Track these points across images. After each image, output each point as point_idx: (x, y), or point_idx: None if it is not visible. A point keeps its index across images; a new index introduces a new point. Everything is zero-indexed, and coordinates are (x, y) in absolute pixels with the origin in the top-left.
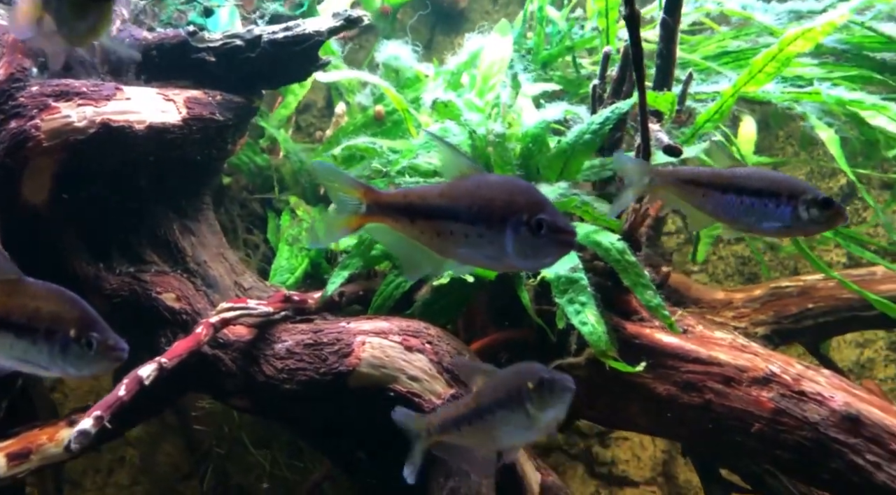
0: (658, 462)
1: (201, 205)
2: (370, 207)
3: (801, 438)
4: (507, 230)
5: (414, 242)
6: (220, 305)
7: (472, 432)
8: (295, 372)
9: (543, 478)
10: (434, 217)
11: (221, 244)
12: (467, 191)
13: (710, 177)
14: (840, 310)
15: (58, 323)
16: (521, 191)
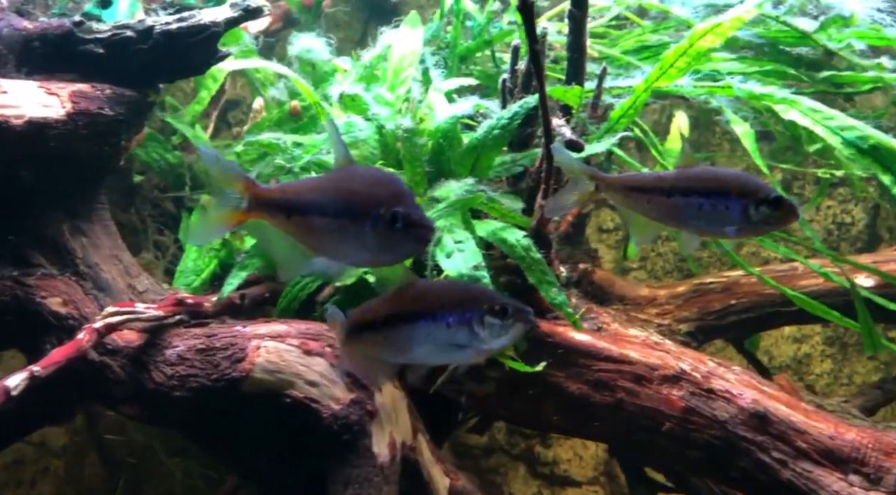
0: (600, 461)
1: (95, 205)
2: (251, 202)
3: (711, 437)
4: (366, 224)
5: (289, 240)
6: (106, 309)
7: (394, 339)
8: (186, 379)
9: (453, 483)
10: (306, 212)
11: (116, 245)
12: (334, 185)
13: (655, 181)
14: (763, 305)
15: None
16: (381, 184)
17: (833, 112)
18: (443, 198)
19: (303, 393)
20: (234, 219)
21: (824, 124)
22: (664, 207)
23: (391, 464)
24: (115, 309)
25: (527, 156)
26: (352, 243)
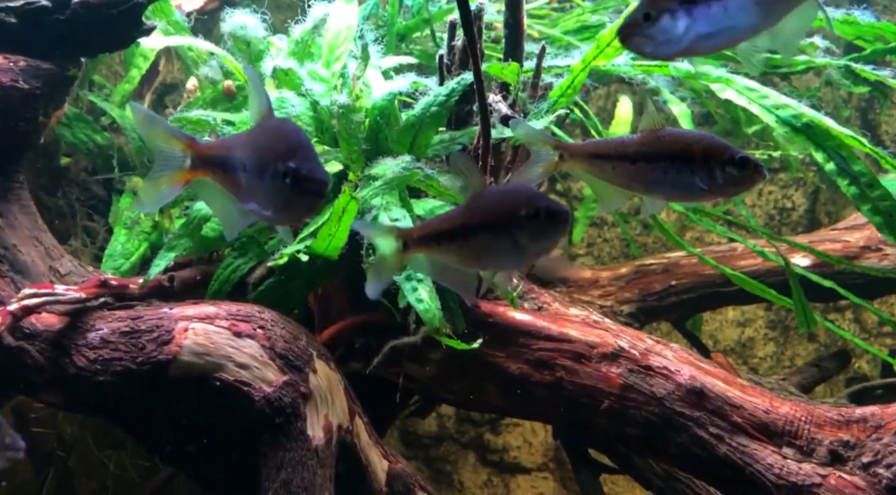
0: (549, 447)
1: (12, 184)
2: (194, 160)
3: (649, 413)
4: (266, 179)
5: (229, 198)
6: (23, 291)
7: (452, 250)
8: (109, 363)
9: (391, 466)
10: (233, 169)
11: (36, 226)
12: (251, 140)
13: (618, 147)
14: (703, 286)
15: None
16: (282, 138)
17: (768, 91)
18: (379, 175)
19: (233, 376)
20: (180, 179)
21: (759, 103)
22: (629, 174)
23: (326, 447)
24: (33, 290)
25: (465, 133)
26: (262, 199)
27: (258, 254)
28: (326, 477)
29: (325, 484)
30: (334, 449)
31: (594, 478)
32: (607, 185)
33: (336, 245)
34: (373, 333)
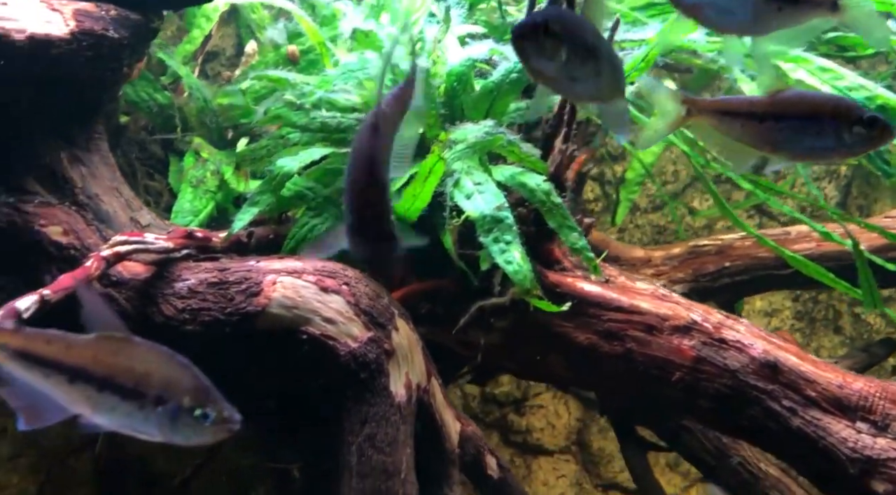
0: (572, 430)
1: (93, 135)
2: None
3: (722, 386)
4: None
5: None
6: (114, 238)
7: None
8: (198, 313)
9: (463, 428)
10: None
11: (116, 178)
12: None
13: (748, 105)
14: (755, 268)
15: (170, 390)
16: None
17: (844, 71)
18: (460, 140)
19: (320, 330)
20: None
21: (832, 84)
22: (757, 132)
23: (408, 405)
24: (124, 237)
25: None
26: None
27: (335, 215)
28: (408, 433)
29: (407, 440)
30: (414, 407)
31: (641, 455)
32: (734, 144)
33: (418, 206)
34: (438, 299)
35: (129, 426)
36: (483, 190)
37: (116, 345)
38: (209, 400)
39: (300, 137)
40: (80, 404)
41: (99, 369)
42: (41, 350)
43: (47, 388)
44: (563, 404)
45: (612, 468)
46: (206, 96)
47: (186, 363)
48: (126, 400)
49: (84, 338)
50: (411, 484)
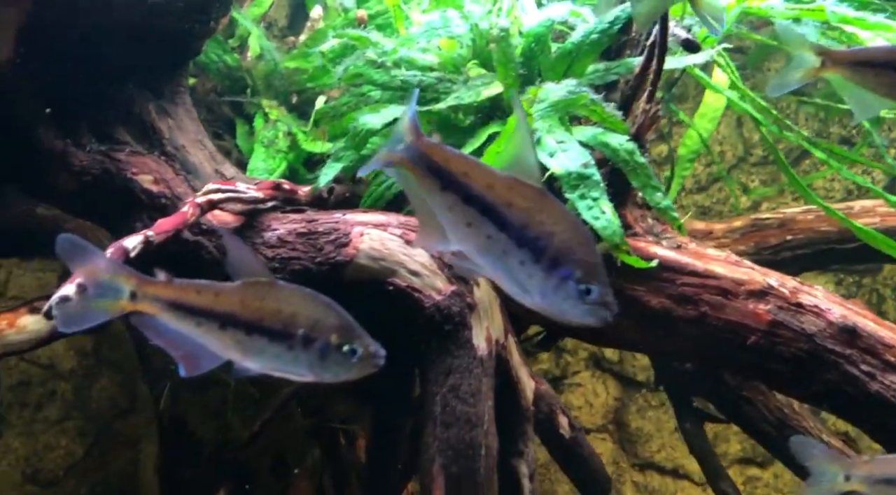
0: (610, 409)
1: (179, 88)
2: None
3: (798, 350)
4: None
5: None
6: (207, 186)
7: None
8: (288, 262)
9: (537, 386)
10: None
11: (200, 131)
12: None
13: (885, 55)
14: (818, 242)
15: (317, 329)
16: None
17: None
18: (542, 99)
19: (405, 282)
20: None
21: None
22: (893, 82)
23: (489, 358)
24: (217, 186)
25: (622, 64)
26: None
27: None
28: (490, 387)
29: (489, 394)
30: (494, 362)
31: (699, 426)
32: (865, 94)
33: (500, 165)
34: None
35: (280, 367)
36: (566, 148)
37: (262, 290)
38: (355, 336)
39: (380, 95)
40: (232, 349)
41: (247, 314)
42: (192, 299)
43: (200, 336)
44: (601, 383)
45: (649, 447)
46: (276, 58)
47: (330, 302)
48: (274, 342)
49: (231, 286)
50: (493, 436)
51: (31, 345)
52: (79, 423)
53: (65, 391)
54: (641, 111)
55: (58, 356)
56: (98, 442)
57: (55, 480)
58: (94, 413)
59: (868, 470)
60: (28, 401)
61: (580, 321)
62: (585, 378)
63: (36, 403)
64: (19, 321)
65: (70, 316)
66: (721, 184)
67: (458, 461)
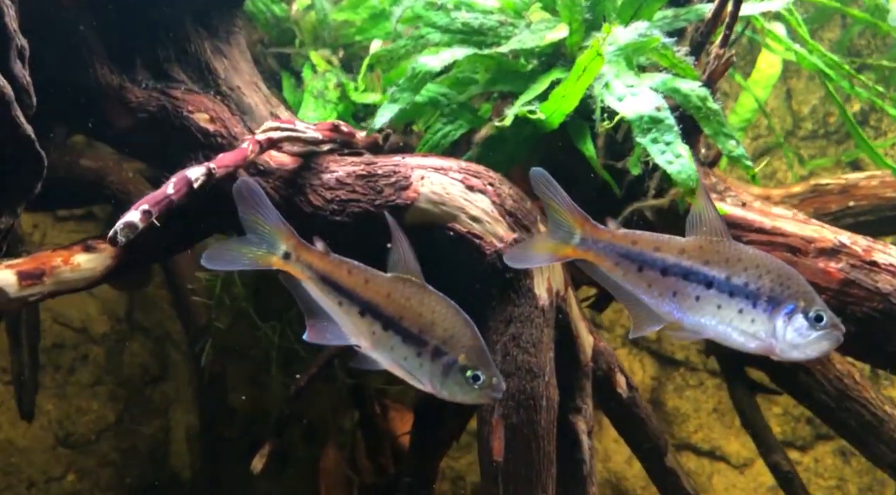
0: (646, 388)
1: (233, 27)
2: (585, 241)
3: (871, 310)
4: None
5: None
6: (266, 124)
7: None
8: (346, 204)
9: (596, 343)
10: None
11: (254, 73)
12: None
13: None
14: (882, 209)
15: (449, 344)
16: None
17: None
18: (609, 43)
19: (466, 228)
20: (565, 254)
21: None
22: None
23: (550, 308)
24: (276, 124)
25: (691, 11)
26: None
27: (469, 121)
28: (550, 337)
29: (550, 344)
30: (555, 313)
31: (750, 396)
32: None
33: (565, 109)
34: None
35: (402, 368)
36: (636, 92)
37: (410, 290)
38: (482, 363)
39: (440, 38)
40: (363, 337)
41: (390, 309)
42: (342, 279)
43: (337, 315)
44: (638, 361)
45: (686, 428)
46: (325, 9)
47: (468, 321)
48: (406, 344)
49: (382, 276)
50: (553, 388)
51: (85, 283)
52: (110, 388)
53: (97, 355)
54: (714, 56)
55: (91, 320)
56: (129, 408)
57: (87, 444)
58: (125, 378)
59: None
60: (61, 364)
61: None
62: (622, 355)
63: (69, 366)
64: (74, 258)
65: (219, 254)
66: (769, 158)
67: (519, 411)
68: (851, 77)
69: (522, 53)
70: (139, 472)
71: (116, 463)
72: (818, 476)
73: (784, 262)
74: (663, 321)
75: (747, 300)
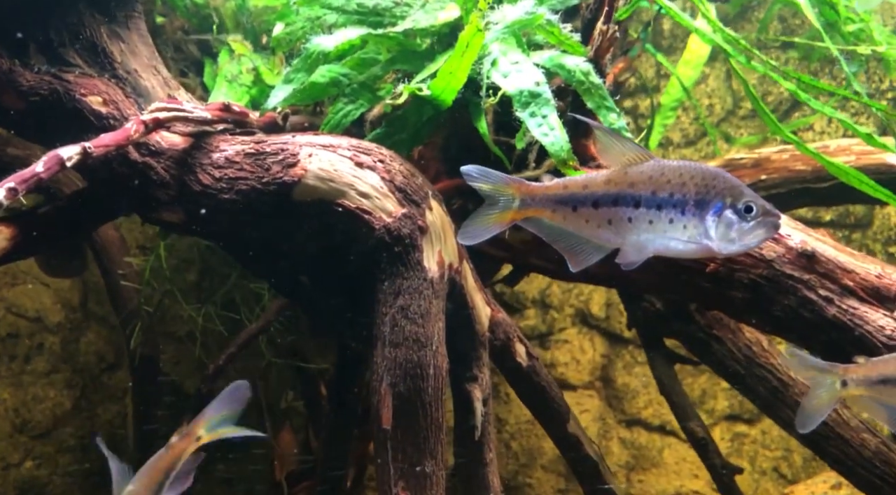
0: (597, 366)
1: (132, 12)
2: (525, 201)
3: (756, 276)
4: None
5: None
6: (154, 104)
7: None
8: (235, 182)
9: (494, 313)
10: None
11: (154, 57)
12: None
13: None
14: (793, 181)
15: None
16: None
17: None
18: (496, 21)
19: (355, 204)
20: (508, 218)
21: None
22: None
23: (440, 281)
24: (163, 104)
25: None
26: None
27: (370, 100)
28: (440, 308)
29: (439, 315)
30: (446, 285)
31: (669, 368)
32: None
33: (454, 86)
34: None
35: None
36: (521, 69)
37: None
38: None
39: (336, 19)
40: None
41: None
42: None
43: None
44: (588, 340)
45: (635, 404)
46: None
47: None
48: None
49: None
50: (442, 357)
51: None
52: (67, 376)
53: (53, 344)
54: (599, 32)
55: (45, 309)
56: (86, 395)
57: (45, 431)
58: (81, 366)
59: (864, 373)
60: (17, 354)
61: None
62: (572, 334)
63: (24, 355)
64: None
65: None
66: (710, 139)
67: (406, 380)
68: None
69: (419, 33)
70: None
71: (75, 450)
72: (765, 447)
73: (709, 166)
74: (604, 250)
75: (675, 209)
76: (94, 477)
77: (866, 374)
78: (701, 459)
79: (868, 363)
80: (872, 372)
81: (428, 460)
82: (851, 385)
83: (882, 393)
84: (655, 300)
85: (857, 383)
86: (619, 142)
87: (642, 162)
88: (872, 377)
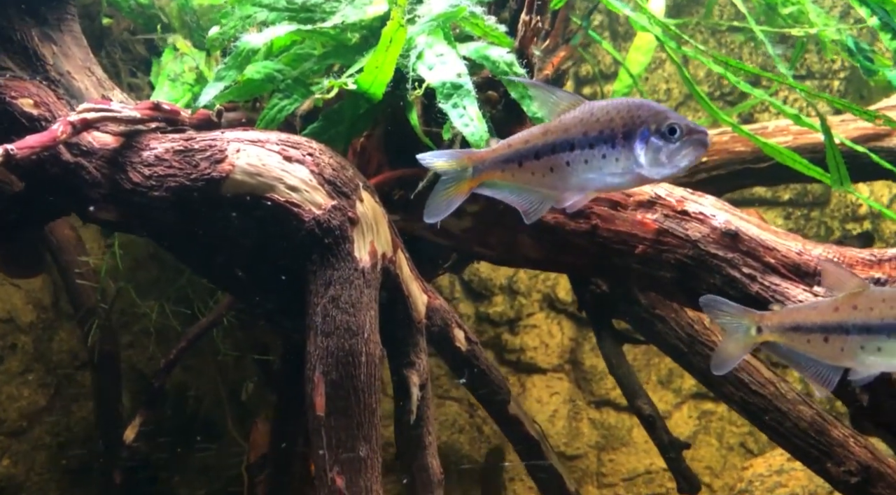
0: (565, 349)
1: (64, 15)
2: (477, 169)
3: (683, 256)
4: None
5: None
6: (82, 105)
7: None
8: (164, 179)
9: (430, 300)
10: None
11: (88, 58)
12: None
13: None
14: (732, 163)
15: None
16: None
17: None
18: (422, 14)
19: (284, 197)
20: (466, 188)
21: None
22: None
23: (372, 271)
24: (91, 105)
25: None
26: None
27: (303, 95)
28: (372, 298)
29: (371, 304)
30: (379, 275)
31: (617, 347)
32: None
33: (382, 80)
34: (409, 185)
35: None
36: (445, 61)
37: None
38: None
39: (267, 16)
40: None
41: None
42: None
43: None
44: (556, 324)
45: (604, 385)
46: None
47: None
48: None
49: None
50: (374, 344)
51: None
52: (40, 375)
53: (25, 343)
54: (522, 23)
55: (17, 310)
56: (60, 393)
57: (20, 430)
58: (54, 365)
59: (779, 320)
60: None
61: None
62: (540, 319)
63: None
64: None
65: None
66: None
67: (339, 368)
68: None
69: (349, 28)
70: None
71: (51, 447)
72: (731, 423)
73: (637, 99)
74: (551, 199)
75: (606, 144)
76: (71, 474)
77: (780, 321)
78: (649, 436)
79: (783, 311)
80: (786, 319)
81: (362, 445)
82: (766, 331)
83: (794, 340)
84: (601, 282)
85: (771, 329)
86: (551, 94)
87: (575, 107)
88: (786, 323)
